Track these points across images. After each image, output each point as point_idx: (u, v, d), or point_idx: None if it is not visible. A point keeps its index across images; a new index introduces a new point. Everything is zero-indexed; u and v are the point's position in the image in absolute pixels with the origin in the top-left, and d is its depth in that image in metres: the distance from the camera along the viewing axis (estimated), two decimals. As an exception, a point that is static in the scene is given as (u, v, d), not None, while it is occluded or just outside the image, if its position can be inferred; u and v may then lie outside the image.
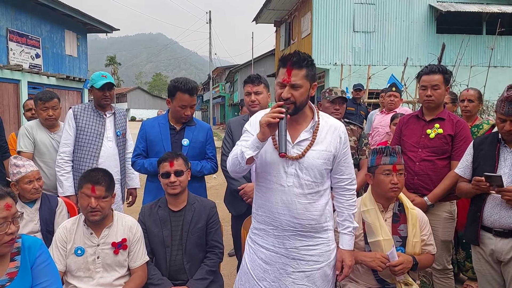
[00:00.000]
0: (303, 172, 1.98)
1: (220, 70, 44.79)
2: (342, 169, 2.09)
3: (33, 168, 2.83)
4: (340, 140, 2.04)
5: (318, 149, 1.99)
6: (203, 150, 3.12)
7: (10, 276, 1.77)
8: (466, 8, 14.87)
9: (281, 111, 1.81)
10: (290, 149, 1.98)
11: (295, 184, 1.98)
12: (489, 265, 2.50)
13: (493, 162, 2.45)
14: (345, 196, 2.15)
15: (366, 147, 3.20)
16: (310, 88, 1.96)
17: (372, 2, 15.17)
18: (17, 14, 12.27)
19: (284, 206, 2.00)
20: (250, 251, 2.15)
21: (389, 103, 5.32)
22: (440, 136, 2.91)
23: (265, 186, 2.05)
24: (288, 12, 18.43)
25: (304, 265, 2.03)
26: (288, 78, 1.90)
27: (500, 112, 2.40)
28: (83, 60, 16.29)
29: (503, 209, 2.38)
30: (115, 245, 2.38)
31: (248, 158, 1.85)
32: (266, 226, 2.07)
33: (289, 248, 2.03)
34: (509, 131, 2.38)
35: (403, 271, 2.29)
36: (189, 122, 3.09)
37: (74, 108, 3.37)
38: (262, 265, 2.08)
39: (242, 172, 1.98)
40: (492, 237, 2.44)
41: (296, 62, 1.90)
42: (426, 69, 2.99)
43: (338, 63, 14.71)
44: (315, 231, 2.03)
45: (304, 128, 2.01)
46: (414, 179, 2.95)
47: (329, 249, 2.09)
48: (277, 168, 1.99)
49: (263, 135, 1.83)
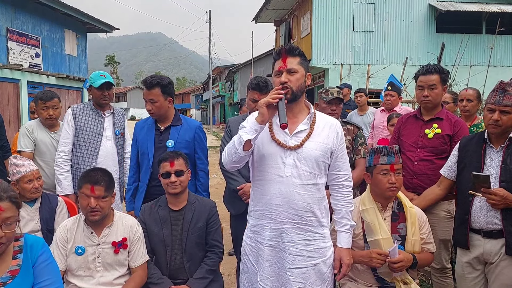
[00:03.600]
0: (301, 162, 2.01)
1: (220, 69, 44.79)
2: (340, 164, 2.13)
3: (32, 168, 2.83)
4: (337, 135, 2.10)
5: (316, 140, 2.04)
6: (192, 150, 3.02)
7: (12, 273, 1.78)
8: (466, 7, 14.87)
9: (280, 93, 1.90)
10: (288, 140, 2.02)
11: (293, 175, 2.00)
12: (472, 268, 2.48)
13: (478, 163, 2.42)
14: (342, 193, 2.17)
15: (362, 147, 3.19)
16: (305, 76, 2.04)
17: (371, 2, 15.17)
18: (17, 13, 12.27)
19: (282, 197, 2.01)
20: (253, 250, 2.15)
21: (386, 102, 5.33)
22: (439, 136, 2.92)
23: (263, 179, 2.06)
24: (288, 11, 18.43)
25: (300, 261, 2.04)
26: (284, 65, 2.00)
27: (491, 102, 2.36)
28: (83, 60, 16.28)
29: (490, 210, 2.36)
30: (116, 244, 2.39)
31: (245, 144, 1.88)
32: (262, 220, 2.09)
33: (286, 242, 2.04)
34: (495, 121, 2.33)
35: (402, 268, 2.30)
36: (175, 121, 3.02)
37: (73, 107, 3.38)
38: (261, 262, 2.09)
39: (238, 161, 1.98)
40: (480, 239, 2.42)
41: (290, 49, 2.02)
42: (423, 69, 3.00)
43: (337, 63, 14.71)
44: (312, 225, 2.05)
45: (301, 120, 2.07)
46: (412, 178, 2.96)
47: (325, 245, 2.10)
48: (275, 158, 2.02)
49: (262, 116, 1.89)
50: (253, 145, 1.94)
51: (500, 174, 2.35)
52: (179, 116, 3.08)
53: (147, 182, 2.96)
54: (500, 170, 2.36)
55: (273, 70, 2.07)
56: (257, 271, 2.11)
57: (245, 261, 2.21)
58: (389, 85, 5.54)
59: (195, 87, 66.14)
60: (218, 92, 42.79)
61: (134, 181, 3.08)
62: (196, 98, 58.98)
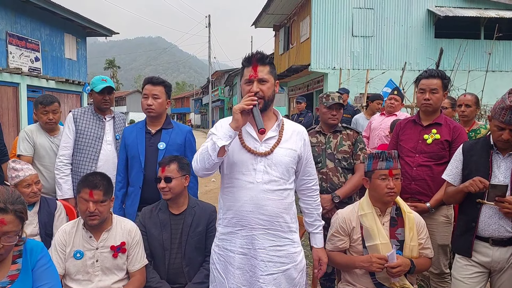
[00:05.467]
0: (272, 168, 2.04)
1: (219, 73, 44.85)
2: (309, 170, 2.21)
3: (31, 172, 2.84)
4: (304, 142, 2.16)
5: (285, 146, 2.08)
6: (183, 154, 3.00)
7: (11, 278, 1.78)
8: (464, 13, 14.93)
9: (254, 99, 1.93)
10: (259, 146, 2.05)
11: (264, 180, 2.03)
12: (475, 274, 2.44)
13: (486, 170, 2.38)
14: (312, 197, 2.25)
15: (361, 152, 3.20)
16: (274, 85, 2.07)
17: (370, 7, 15.23)
18: (16, 17, 12.30)
19: (252, 203, 2.03)
20: (220, 259, 2.14)
21: (389, 105, 5.35)
22: (437, 141, 2.92)
23: (233, 186, 2.08)
24: (287, 16, 18.48)
25: (272, 267, 2.05)
26: (255, 74, 2.01)
27: (500, 120, 2.29)
28: (83, 64, 16.31)
29: (501, 219, 2.33)
30: (114, 248, 2.39)
31: (220, 150, 1.89)
32: (233, 228, 2.09)
33: (257, 248, 2.05)
34: (506, 140, 2.30)
35: (400, 273, 2.31)
36: (166, 125, 3.03)
37: (74, 111, 3.39)
38: (231, 270, 2.08)
39: (211, 168, 1.97)
40: (489, 247, 2.37)
41: (261, 58, 2.03)
42: (425, 73, 3.00)
43: (336, 67, 14.73)
44: (282, 230, 2.07)
45: (271, 127, 2.10)
46: (411, 184, 2.95)
47: (295, 251, 2.12)
48: (246, 165, 2.04)
49: (236, 122, 1.91)
50: (227, 151, 1.95)
51: (511, 181, 2.32)
52: (170, 120, 3.10)
53: (141, 185, 2.93)
54: (511, 178, 2.33)
55: (243, 77, 2.08)
56: (225, 280, 2.10)
57: (212, 270, 2.20)
58: (395, 89, 5.65)
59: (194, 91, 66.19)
60: (218, 96, 42.82)
61: (122, 187, 3.03)
62: (195, 102, 59.05)
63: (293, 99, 17.68)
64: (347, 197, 3.12)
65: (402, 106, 5.64)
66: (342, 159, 3.18)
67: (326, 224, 3.04)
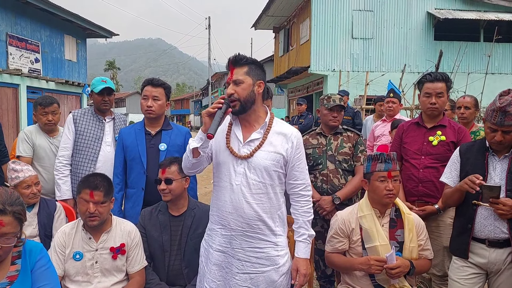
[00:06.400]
0: (251, 171, 2.03)
1: (219, 75, 44.83)
2: (296, 174, 2.13)
3: (31, 173, 2.84)
4: (292, 144, 2.09)
5: (267, 149, 2.05)
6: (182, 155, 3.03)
7: (10, 279, 1.78)
8: (464, 15, 14.96)
9: (220, 102, 1.96)
10: (240, 148, 2.05)
11: (242, 183, 2.03)
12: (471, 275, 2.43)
13: (482, 172, 2.38)
14: (300, 203, 2.16)
15: (362, 154, 3.20)
16: (254, 85, 2.03)
17: (370, 9, 15.25)
18: (17, 18, 12.31)
19: (231, 205, 2.04)
20: (204, 253, 2.20)
21: (387, 109, 5.33)
22: (443, 143, 2.92)
23: (218, 186, 2.12)
24: (287, 18, 18.51)
25: (249, 267, 2.05)
26: (230, 76, 2.04)
27: (492, 121, 2.31)
28: (82, 65, 16.32)
29: (497, 220, 2.33)
30: (114, 250, 2.39)
31: (193, 151, 1.98)
32: (215, 225, 2.13)
33: (235, 248, 2.07)
34: (499, 142, 2.32)
35: (400, 274, 2.31)
36: (165, 126, 3.04)
37: (74, 112, 3.40)
38: (209, 266, 2.13)
39: (192, 167, 2.08)
40: (486, 248, 2.38)
41: (234, 60, 2.04)
42: (430, 76, 2.98)
43: (336, 69, 14.75)
44: (262, 233, 2.06)
45: (257, 129, 2.08)
46: (418, 186, 2.94)
47: (278, 254, 2.09)
48: (227, 166, 2.06)
49: (205, 126, 1.95)
50: (200, 152, 2.00)
51: (506, 183, 2.32)
52: (168, 121, 3.11)
53: (143, 186, 2.91)
54: (506, 180, 2.33)
55: None
56: (205, 274, 2.16)
57: (200, 262, 2.26)
58: (390, 92, 5.49)
59: (194, 92, 66.18)
60: (217, 98, 42.81)
61: (120, 190, 3.01)
62: (195, 103, 59.02)
63: (293, 101, 17.71)
64: (347, 198, 3.13)
65: (401, 107, 5.58)
66: (343, 161, 3.18)
67: (326, 225, 3.06)
